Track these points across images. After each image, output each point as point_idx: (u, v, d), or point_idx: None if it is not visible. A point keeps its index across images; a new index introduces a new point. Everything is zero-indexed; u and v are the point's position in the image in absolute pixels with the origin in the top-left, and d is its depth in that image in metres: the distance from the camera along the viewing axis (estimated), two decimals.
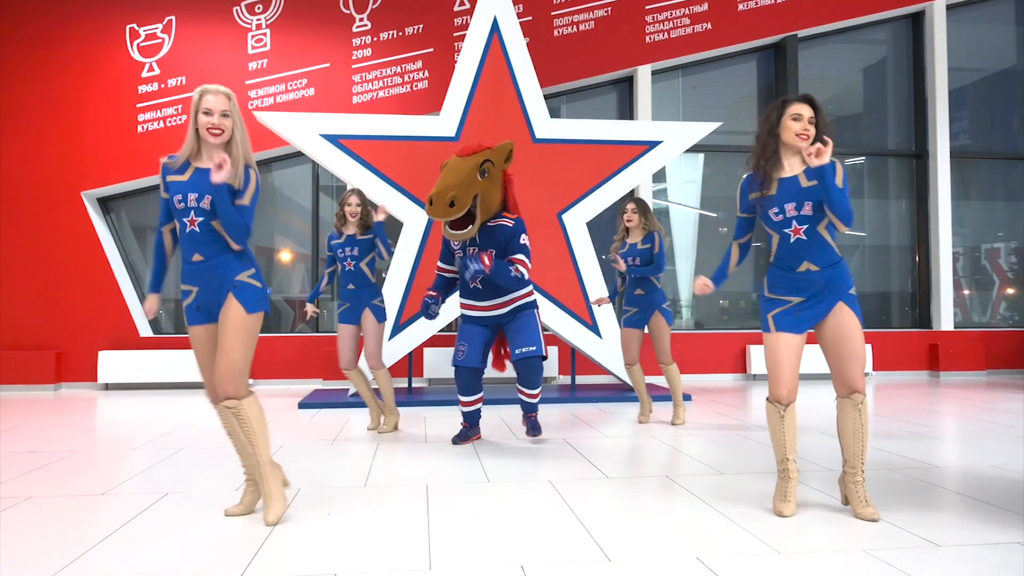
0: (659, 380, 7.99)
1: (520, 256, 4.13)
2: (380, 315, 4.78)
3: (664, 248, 4.97)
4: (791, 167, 2.81)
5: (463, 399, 4.39)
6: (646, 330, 5.09)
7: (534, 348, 4.18)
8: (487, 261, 3.97)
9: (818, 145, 2.61)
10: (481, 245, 4.18)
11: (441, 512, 2.94)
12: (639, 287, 5.02)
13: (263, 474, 2.79)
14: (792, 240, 2.77)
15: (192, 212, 2.71)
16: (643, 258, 4.98)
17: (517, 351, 4.20)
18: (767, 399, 2.87)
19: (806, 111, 2.76)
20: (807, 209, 2.72)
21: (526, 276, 4.11)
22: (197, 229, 2.72)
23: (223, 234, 2.73)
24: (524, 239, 4.18)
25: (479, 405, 4.45)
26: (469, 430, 4.48)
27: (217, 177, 2.62)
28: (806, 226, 2.74)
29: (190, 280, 2.77)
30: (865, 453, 2.82)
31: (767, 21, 8.71)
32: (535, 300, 4.38)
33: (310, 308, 5.02)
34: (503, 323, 4.32)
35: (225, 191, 2.66)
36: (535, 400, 4.41)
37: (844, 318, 2.77)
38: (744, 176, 2.96)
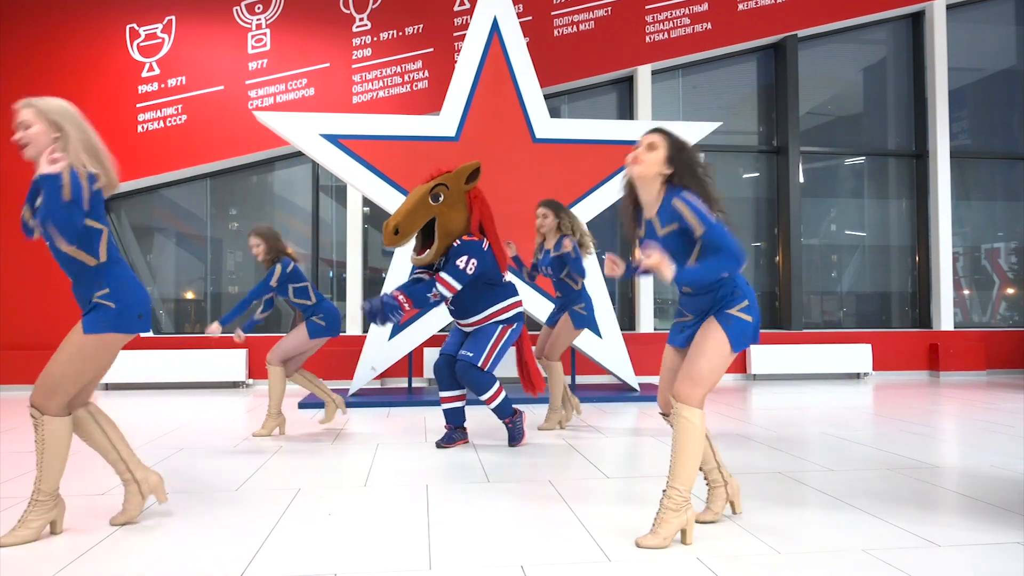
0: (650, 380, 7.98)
1: (442, 274, 4.00)
2: (313, 330, 4.79)
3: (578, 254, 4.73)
4: (648, 208, 2.61)
5: (441, 394, 4.34)
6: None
7: (471, 355, 4.14)
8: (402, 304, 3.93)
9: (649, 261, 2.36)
10: (444, 268, 4.09)
11: (441, 512, 2.94)
12: (559, 290, 4.92)
13: (34, 499, 2.62)
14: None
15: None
16: (554, 266, 4.81)
17: (459, 352, 4.22)
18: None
19: (645, 139, 2.56)
20: (672, 256, 2.49)
21: (445, 292, 3.99)
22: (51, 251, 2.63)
23: (75, 256, 2.62)
24: (460, 261, 4.00)
25: (461, 404, 4.34)
26: (453, 432, 4.35)
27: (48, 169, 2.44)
28: (676, 263, 2.47)
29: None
30: (678, 471, 2.51)
31: (767, 21, 8.71)
32: (511, 316, 4.27)
33: None
34: None
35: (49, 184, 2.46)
36: (491, 405, 4.29)
37: (702, 332, 2.54)
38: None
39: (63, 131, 2.58)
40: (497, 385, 4.28)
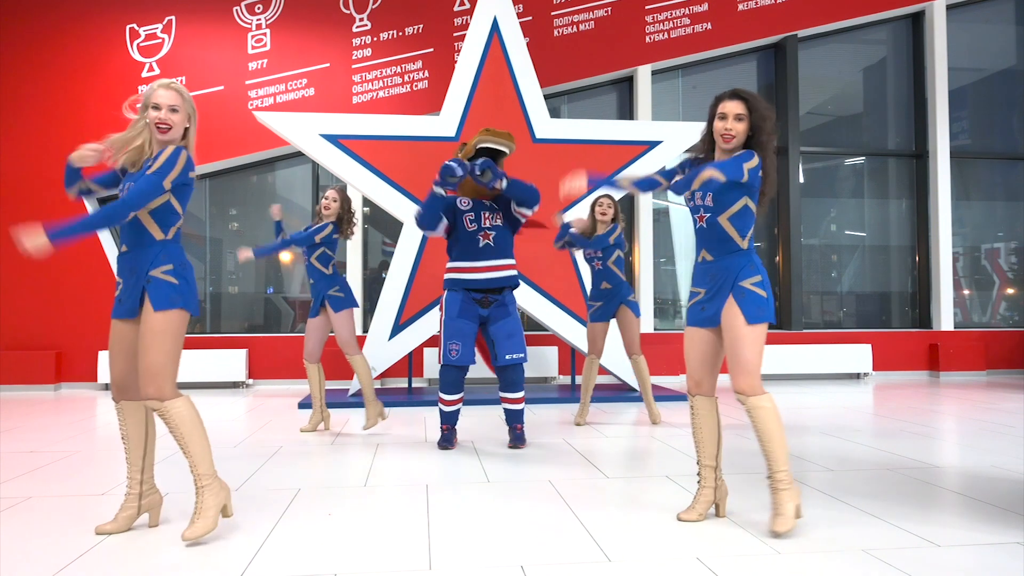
0: (662, 380, 7.98)
1: (513, 181, 4.23)
2: (335, 304, 4.77)
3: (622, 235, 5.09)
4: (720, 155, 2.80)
5: (448, 398, 4.27)
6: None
7: (522, 355, 4.19)
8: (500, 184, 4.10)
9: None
10: (492, 208, 4.34)
11: (441, 512, 2.94)
12: (605, 280, 5.07)
13: (199, 486, 2.61)
14: (697, 226, 2.79)
15: None
16: (608, 250, 5.07)
17: (507, 357, 4.17)
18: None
19: (732, 108, 2.72)
20: (708, 200, 2.72)
21: (500, 181, 4.14)
22: None
23: (146, 224, 2.62)
24: (533, 186, 4.39)
25: (460, 405, 4.35)
26: (451, 433, 4.33)
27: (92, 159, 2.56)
28: (708, 215, 2.73)
29: (119, 271, 2.69)
30: (775, 456, 2.64)
31: (767, 21, 8.71)
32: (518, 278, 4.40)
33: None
34: (488, 312, 4.22)
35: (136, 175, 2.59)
36: (520, 406, 4.33)
37: (727, 316, 2.67)
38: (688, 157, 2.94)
39: (193, 122, 2.71)
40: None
